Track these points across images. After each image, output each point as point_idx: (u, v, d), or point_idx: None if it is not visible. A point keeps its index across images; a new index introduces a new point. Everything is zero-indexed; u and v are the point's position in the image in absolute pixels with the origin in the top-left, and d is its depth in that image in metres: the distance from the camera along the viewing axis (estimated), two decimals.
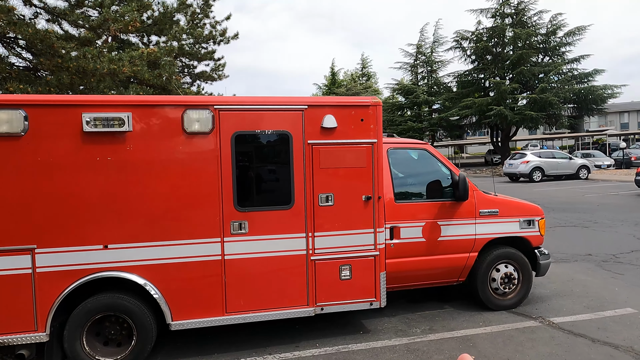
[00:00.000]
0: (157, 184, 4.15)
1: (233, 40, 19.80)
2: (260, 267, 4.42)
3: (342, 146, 4.56)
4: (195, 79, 20.97)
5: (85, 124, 3.95)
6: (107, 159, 4.04)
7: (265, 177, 4.60)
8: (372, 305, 4.69)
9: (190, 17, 18.40)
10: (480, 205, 5.26)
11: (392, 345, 4.55)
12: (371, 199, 4.63)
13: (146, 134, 4.13)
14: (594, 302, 5.53)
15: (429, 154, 5.30)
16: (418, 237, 5.08)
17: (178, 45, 17.27)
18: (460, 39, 35.21)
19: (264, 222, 4.42)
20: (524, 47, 31.65)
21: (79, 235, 4.00)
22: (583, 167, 23.77)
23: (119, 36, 13.18)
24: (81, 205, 3.99)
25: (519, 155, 24.62)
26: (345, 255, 4.61)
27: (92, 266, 4.05)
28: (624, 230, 9.83)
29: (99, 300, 4.09)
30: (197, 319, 4.29)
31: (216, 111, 4.27)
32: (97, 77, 8.45)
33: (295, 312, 4.51)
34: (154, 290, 4.17)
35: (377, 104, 4.63)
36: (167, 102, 4.23)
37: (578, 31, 31.81)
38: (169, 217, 4.19)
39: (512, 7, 33.11)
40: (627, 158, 29.31)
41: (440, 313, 5.37)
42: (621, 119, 56.60)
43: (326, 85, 46.80)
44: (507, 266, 5.38)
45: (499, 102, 30.90)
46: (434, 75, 39.65)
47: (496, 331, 4.78)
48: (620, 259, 7.50)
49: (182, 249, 4.23)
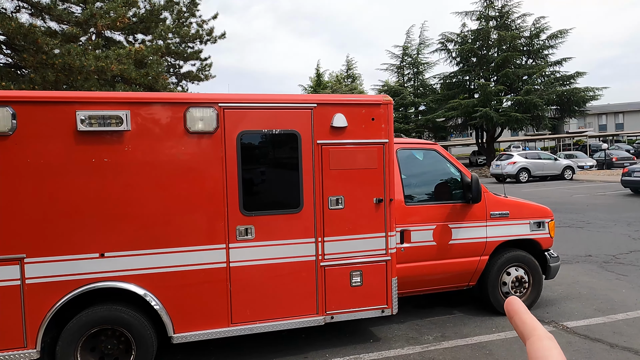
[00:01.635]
0: (158, 187, 3.87)
1: (220, 39, 19.46)
2: (268, 274, 4.17)
3: (353, 146, 4.35)
4: (181, 79, 20.54)
5: (80, 123, 3.65)
6: (104, 160, 3.74)
7: (273, 179, 4.36)
8: (383, 312, 4.49)
9: (177, 15, 18.01)
10: (491, 207, 5.12)
11: (405, 354, 4.35)
12: (382, 202, 4.44)
13: (146, 133, 3.85)
14: (604, 304, 5.45)
15: (439, 154, 5.13)
16: (429, 240, 4.91)
17: (164, 44, 16.86)
18: (445, 41, 35.45)
19: (271, 226, 4.18)
20: (509, 49, 32.02)
21: (73, 243, 3.69)
22: (568, 168, 24.12)
23: (103, 33, 12.74)
24: (75, 210, 3.68)
25: (506, 156, 24.86)
26: (356, 261, 4.39)
27: (87, 276, 3.74)
28: (619, 231, 9.88)
29: (95, 312, 3.78)
30: (200, 331, 4.02)
31: (221, 109, 4.01)
32: (84, 74, 8.06)
33: (304, 321, 4.28)
34: (154, 300, 3.88)
35: (388, 102, 4.43)
36: (169, 99, 3.96)
37: (560, 34, 32.34)
38: (170, 222, 3.91)
39: (496, 10, 33.49)
40: (609, 159, 29.90)
41: (450, 319, 5.20)
42: (599, 120, 57.93)
43: (311, 87, 46.57)
44: (517, 269, 5.26)
45: (485, 104, 31.17)
46: (420, 76, 39.87)
47: (511, 337, 4.63)
48: (620, 259, 7.48)
49: (185, 257, 3.96)
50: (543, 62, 32.93)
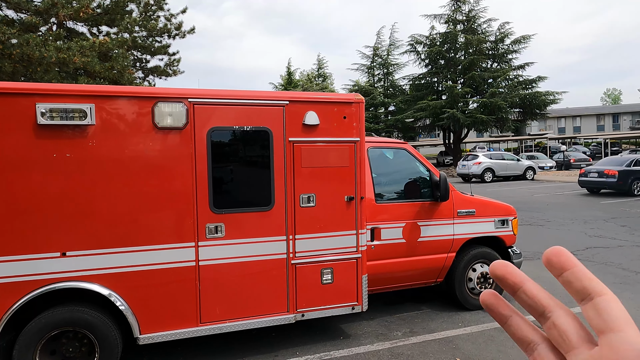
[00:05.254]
0: (124, 184, 3.75)
1: (189, 34, 19.04)
2: (238, 272, 4.12)
3: (325, 144, 4.36)
4: (148, 74, 19.96)
5: (40, 116, 3.49)
6: (66, 155, 3.59)
7: (244, 176, 4.30)
8: (354, 309, 4.53)
9: (144, 8, 17.47)
10: (458, 205, 5.25)
11: (375, 350, 4.41)
12: (354, 200, 4.47)
13: (111, 128, 3.72)
14: (563, 298, 5.64)
15: (409, 153, 5.22)
16: (398, 238, 4.98)
17: (130, 38, 16.35)
18: (415, 43, 36.05)
19: (242, 224, 4.13)
20: (475, 53, 32.93)
21: (32, 241, 3.52)
22: (529, 169, 25.08)
23: (65, 24, 12.20)
24: (35, 207, 3.52)
25: (472, 156, 25.57)
26: (327, 259, 4.41)
27: (47, 276, 3.58)
28: (576, 228, 10.36)
29: (56, 314, 3.62)
30: (168, 331, 3.93)
31: (191, 105, 3.93)
32: (44, 66, 7.69)
33: (275, 319, 4.25)
34: (119, 301, 3.76)
35: (360, 101, 4.47)
36: (136, 93, 3.84)
37: (523, 39, 33.54)
38: (137, 220, 3.79)
39: (463, 14, 34.35)
40: (567, 160, 31.33)
41: (418, 315, 5.31)
42: (559, 123, 60.52)
43: (282, 85, 46.32)
44: (482, 266, 5.42)
45: (452, 106, 31.93)
46: (390, 77, 40.38)
47: (476, 331, 4.77)
48: (578, 256, 7.84)
49: (152, 255, 3.85)
50: (507, 66, 34.06)
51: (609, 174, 16.24)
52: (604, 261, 7.41)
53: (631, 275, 6.61)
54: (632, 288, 6.02)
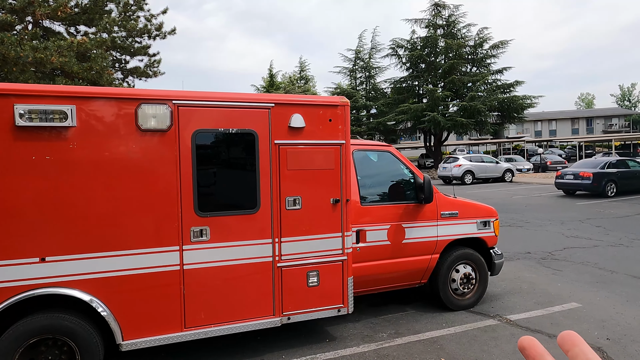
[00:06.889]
0: (106, 187, 3.67)
1: (170, 35, 18.82)
2: (223, 276, 4.08)
3: (310, 147, 4.36)
4: (128, 75, 19.63)
5: (19, 117, 3.39)
6: (46, 158, 3.50)
7: (229, 179, 4.27)
8: (339, 312, 4.54)
9: (123, 8, 17.20)
10: (441, 207, 5.32)
11: (361, 352, 4.42)
12: (339, 202, 4.48)
13: (93, 130, 3.64)
14: (542, 298, 5.83)
15: (393, 156, 5.27)
16: (383, 240, 5.02)
17: (109, 38, 16.05)
18: (396, 47, 36.43)
19: (227, 227, 4.09)
20: (455, 57, 33.48)
21: (9, 246, 3.42)
22: (508, 171, 25.61)
23: (41, 23, 11.89)
24: (12, 211, 3.41)
25: (452, 159, 25.93)
26: (313, 261, 4.41)
27: (25, 282, 3.47)
28: (553, 229, 10.62)
29: (35, 321, 3.52)
30: (151, 337, 3.86)
31: (175, 107, 3.88)
32: (20, 66, 7.48)
33: (260, 323, 4.23)
34: (101, 307, 3.67)
35: (345, 104, 4.49)
36: (119, 94, 3.77)
37: (501, 44, 34.29)
38: (119, 224, 3.72)
39: (443, 19, 34.91)
40: (544, 162, 32.11)
41: (403, 316, 5.35)
42: (535, 127, 62.01)
43: (264, 87, 46.17)
44: (465, 267, 5.50)
45: (433, 109, 32.37)
46: (372, 80, 40.70)
47: (460, 332, 4.84)
48: (556, 256, 8.04)
49: (135, 260, 3.78)
50: (486, 70, 34.74)
51: (584, 176, 16.72)
52: (581, 261, 7.61)
53: (607, 274, 6.81)
54: (608, 287, 6.20)
